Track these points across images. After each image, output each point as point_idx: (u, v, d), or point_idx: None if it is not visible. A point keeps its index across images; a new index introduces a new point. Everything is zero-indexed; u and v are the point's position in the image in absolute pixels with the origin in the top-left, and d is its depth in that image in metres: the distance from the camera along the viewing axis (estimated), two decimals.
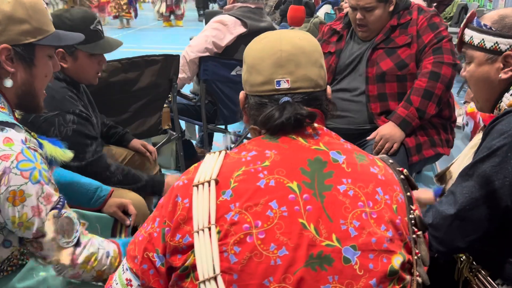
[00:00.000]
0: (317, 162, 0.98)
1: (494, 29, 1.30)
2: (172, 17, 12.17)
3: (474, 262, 1.33)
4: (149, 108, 2.71)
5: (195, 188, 0.97)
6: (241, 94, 1.11)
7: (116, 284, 1.04)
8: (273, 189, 0.94)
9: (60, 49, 1.82)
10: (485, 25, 1.32)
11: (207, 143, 3.22)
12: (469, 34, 1.36)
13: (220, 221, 0.93)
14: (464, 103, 5.05)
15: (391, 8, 2.32)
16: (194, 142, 3.68)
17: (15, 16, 1.21)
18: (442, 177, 1.54)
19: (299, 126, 1.01)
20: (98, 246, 1.30)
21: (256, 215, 0.92)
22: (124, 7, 11.49)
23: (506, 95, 1.33)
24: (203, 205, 0.94)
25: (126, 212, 1.73)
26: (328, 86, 1.10)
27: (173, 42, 9.15)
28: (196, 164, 1.04)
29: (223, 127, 3.43)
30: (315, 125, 1.04)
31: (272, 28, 3.09)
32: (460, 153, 1.52)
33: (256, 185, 0.95)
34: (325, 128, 1.06)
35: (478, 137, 1.39)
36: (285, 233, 0.91)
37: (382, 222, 0.95)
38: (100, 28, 1.92)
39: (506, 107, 1.31)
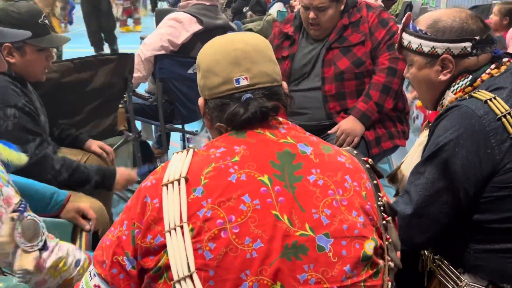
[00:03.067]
0: (286, 155, 1.00)
1: (429, 34, 1.35)
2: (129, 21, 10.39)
3: (436, 254, 1.37)
4: (103, 109, 2.63)
5: (164, 187, 0.96)
6: (200, 101, 1.11)
7: None
8: (245, 183, 0.95)
9: (8, 44, 1.76)
10: (421, 30, 1.37)
11: (165, 143, 3.16)
12: (407, 38, 1.41)
13: (192, 218, 0.92)
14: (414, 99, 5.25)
15: (342, 7, 2.36)
16: (150, 142, 3.61)
17: None
18: (393, 177, 1.59)
19: (265, 119, 1.03)
20: (67, 251, 1.25)
21: (229, 210, 0.93)
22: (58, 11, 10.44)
23: (447, 92, 1.39)
24: (173, 204, 0.94)
25: (85, 217, 1.67)
26: (283, 82, 1.12)
27: (123, 42, 8.92)
28: (163, 164, 1.03)
29: (180, 126, 3.38)
30: (280, 119, 1.06)
31: (227, 26, 3.07)
32: (411, 148, 1.57)
33: (228, 180, 0.95)
34: (290, 123, 1.08)
35: (425, 134, 1.44)
36: (259, 225, 0.92)
37: (353, 208, 0.98)
38: (47, 22, 1.88)
39: (448, 104, 1.36)
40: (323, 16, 2.32)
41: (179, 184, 0.95)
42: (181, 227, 0.91)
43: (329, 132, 2.33)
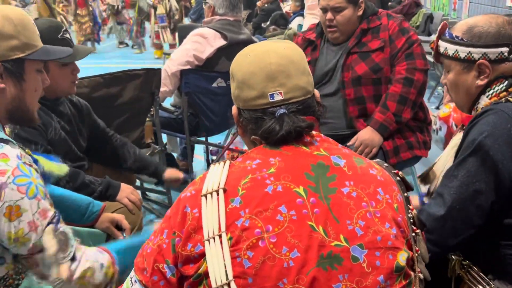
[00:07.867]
0: (320, 167, 1.02)
1: (465, 40, 1.37)
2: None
3: (465, 259, 1.38)
4: (131, 122, 2.71)
5: (203, 198, 0.99)
6: (234, 109, 1.13)
7: None
8: (281, 194, 0.97)
9: None
10: (457, 37, 1.39)
11: (190, 155, 3.22)
12: (443, 45, 1.43)
13: (230, 228, 0.95)
14: (437, 108, 5.21)
15: (360, 13, 2.40)
16: (175, 155, 3.67)
17: (3, 32, 1.23)
18: (425, 178, 1.59)
19: (299, 137, 1.05)
20: (93, 260, 1.29)
21: (266, 220, 0.95)
22: (88, 30, 9.64)
23: (483, 97, 1.40)
24: (212, 214, 0.96)
25: (119, 227, 1.71)
26: (315, 90, 1.13)
27: (149, 58, 9.03)
28: (201, 175, 1.06)
29: (203, 139, 3.44)
30: (313, 132, 1.08)
31: (251, 40, 3.13)
32: (440, 154, 1.58)
33: (264, 191, 0.97)
34: (322, 135, 1.10)
35: (458, 136, 1.44)
36: (295, 235, 0.94)
37: (385, 220, 0.99)
38: (68, 36, 1.87)
39: (483, 107, 1.37)
40: (340, 17, 2.36)
41: (217, 194, 0.98)
42: (220, 236, 0.94)
43: (348, 143, 2.35)
